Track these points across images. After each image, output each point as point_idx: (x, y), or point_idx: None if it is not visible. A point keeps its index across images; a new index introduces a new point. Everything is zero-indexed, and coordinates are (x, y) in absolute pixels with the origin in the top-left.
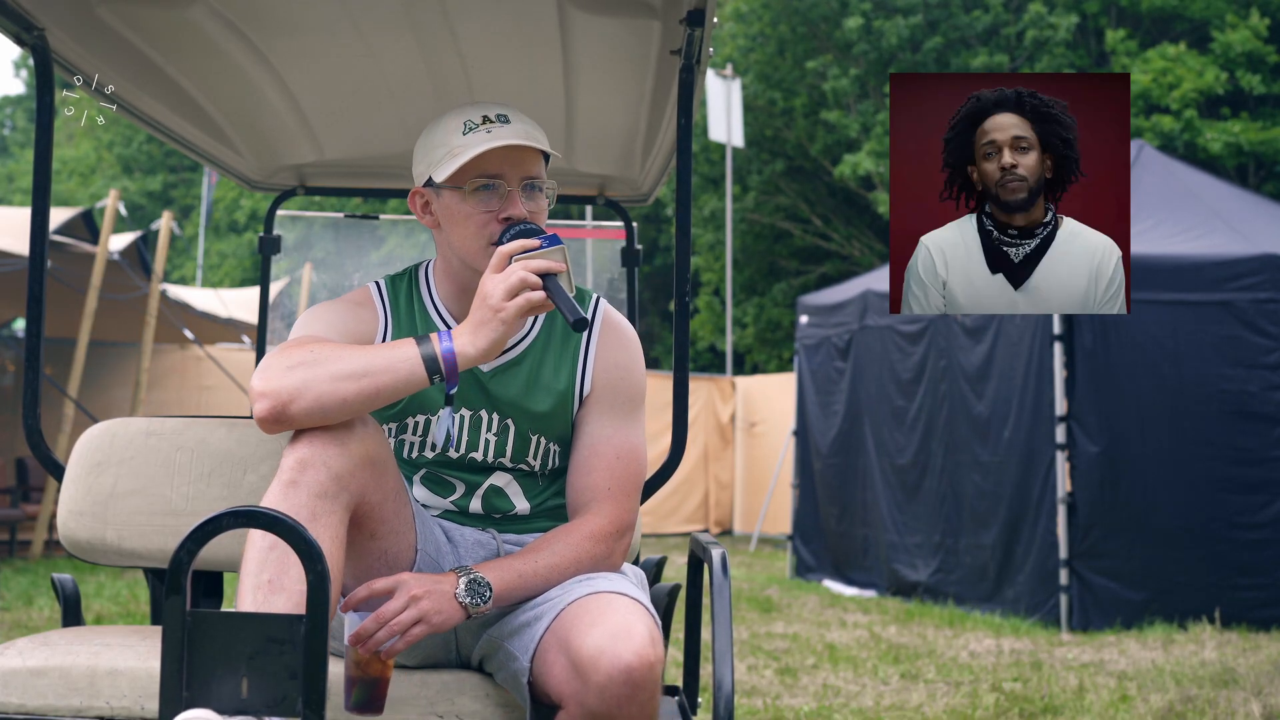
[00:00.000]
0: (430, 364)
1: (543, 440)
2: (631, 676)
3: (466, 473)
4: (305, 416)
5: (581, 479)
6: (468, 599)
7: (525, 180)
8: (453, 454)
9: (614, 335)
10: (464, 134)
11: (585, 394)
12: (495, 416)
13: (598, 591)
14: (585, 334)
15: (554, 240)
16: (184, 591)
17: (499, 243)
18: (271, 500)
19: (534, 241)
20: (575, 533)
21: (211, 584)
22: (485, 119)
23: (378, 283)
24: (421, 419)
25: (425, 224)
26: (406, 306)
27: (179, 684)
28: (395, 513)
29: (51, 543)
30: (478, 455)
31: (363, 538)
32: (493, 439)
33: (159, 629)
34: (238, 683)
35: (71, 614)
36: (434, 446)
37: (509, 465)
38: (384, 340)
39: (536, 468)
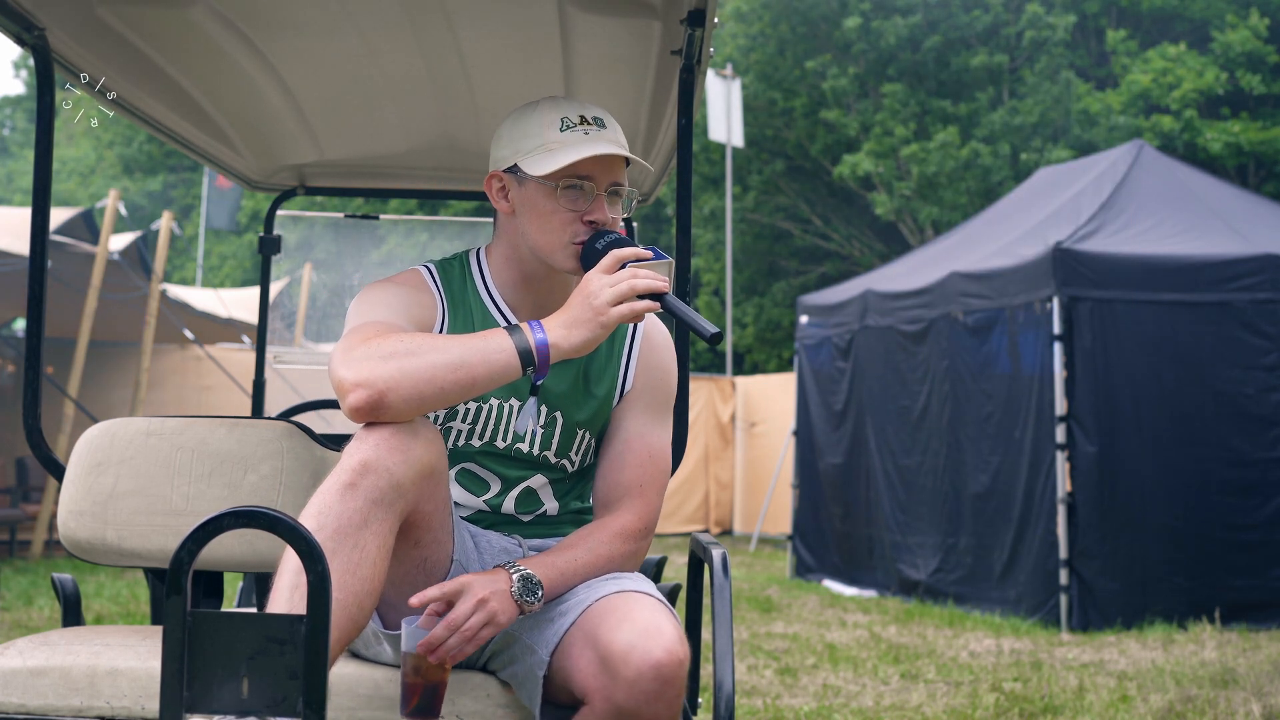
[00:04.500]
0: (525, 356)
1: (586, 435)
2: (661, 672)
3: (507, 467)
4: (404, 405)
5: (613, 475)
6: (522, 597)
7: (612, 185)
8: (499, 444)
9: (655, 336)
10: (561, 131)
11: (626, 391)
12: (544, 409)
13: (624, 590)
14: (630, 333)
15: (662, 255)
16: (185, 591)
17: (584, 244)
18: (327, 500)
19: (648, 253)
20: (606, 530)
21: (212, 584)
22: (583, 119)
23: (428, 267)
24: (473, 406)
25: (499, 208)
26: (460, 292)
27: (179, 684)
28: (440, 523)
29: (51, 543)
30: (524, 446)
31: (406, 545)
32: (540, 431)
33: (159, 629)
34: (238, 683)
35: (71, 614)
36: (517, 436)
37: (553, 460)
38: (442, 326)
39: (575, 464)
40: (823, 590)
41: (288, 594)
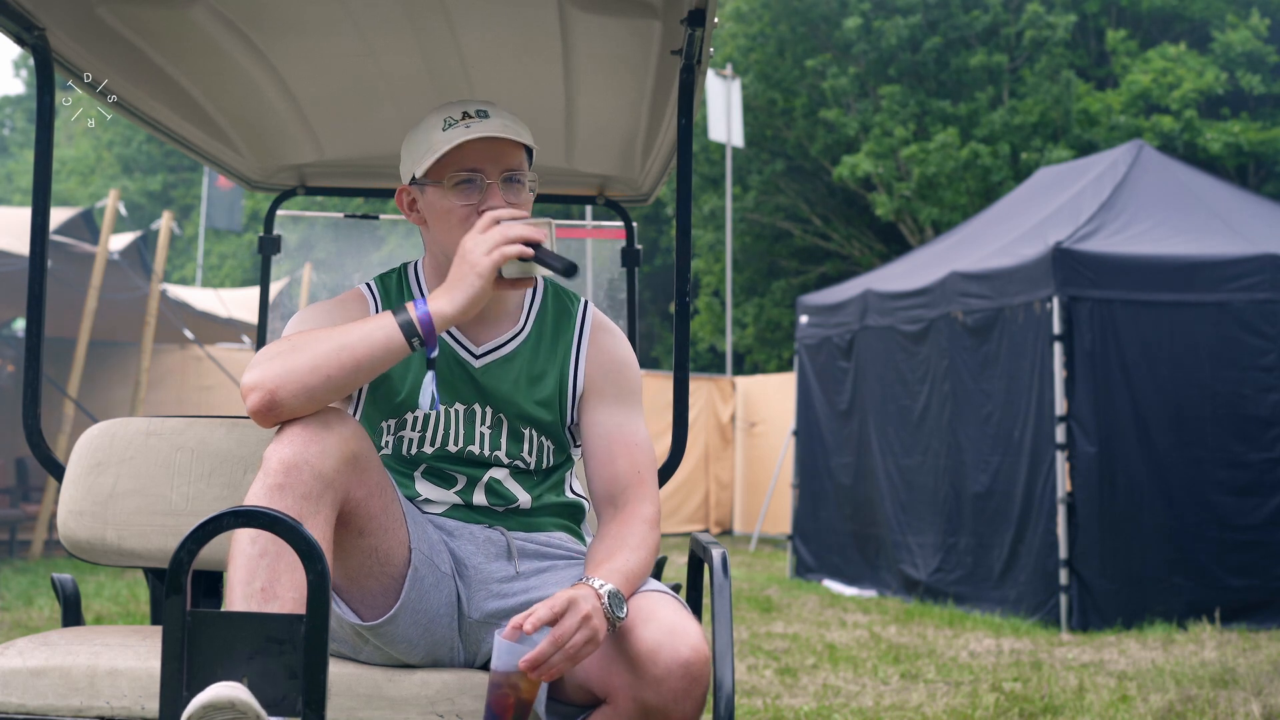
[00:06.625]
0: (407, 328)
1: (534, 434)
2: (690, 670)
3: (466, 466)
4: (294, 400)
5: (606, 469)
6: (614, 613)
7: (505, 173)
8: (451, 448)
9: (604, 334)
10: (444, 130)
11: (580, 391)
12: (489, 410)
13: (641, 589)
14: (576, 333)
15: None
16: (184, 591)
17: None
18: (256, 504)
19: (523, 211)
20: (639, 522)
21: (211, 584)
22: (465, 115)
23: (368, 283)
24: (420, 415)
25: (413, 221)
26: (398, 300)
27: (179, 684)
28: (383, 509)
29: (51, 543)
30: (475, 449)
31: (351, 536)
32: (487, 433)
33: (159, 629)
34: (238, 683)
35: (71, 614)
36: (469, 438)
37: (504, 460)
38: None
39: (532, 464)
40: (823, 590)
41: (242, 590)
